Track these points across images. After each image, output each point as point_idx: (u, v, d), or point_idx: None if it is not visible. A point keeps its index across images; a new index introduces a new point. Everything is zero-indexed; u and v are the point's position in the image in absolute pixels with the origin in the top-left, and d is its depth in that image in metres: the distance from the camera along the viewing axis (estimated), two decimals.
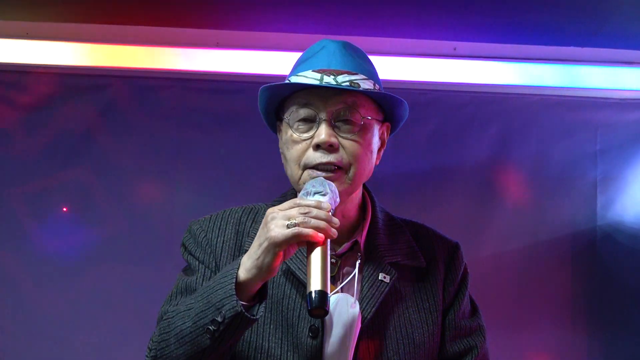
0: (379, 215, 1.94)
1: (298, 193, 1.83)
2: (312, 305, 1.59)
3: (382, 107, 1.89)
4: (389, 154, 2.01)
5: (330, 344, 1.77)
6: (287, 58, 1.95)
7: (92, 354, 3.16)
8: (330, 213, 1.66)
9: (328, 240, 1.64)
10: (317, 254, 1.62)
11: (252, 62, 3.28)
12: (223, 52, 3.29)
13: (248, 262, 1.67)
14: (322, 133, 1.79)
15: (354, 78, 1.81)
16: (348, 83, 1.80)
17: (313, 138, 1.80)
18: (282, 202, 1.72)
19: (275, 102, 1.89)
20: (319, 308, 1.59)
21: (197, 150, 3.30)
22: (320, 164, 1.79)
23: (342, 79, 1.80)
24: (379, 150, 1.91)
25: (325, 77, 1.80)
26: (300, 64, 1.87)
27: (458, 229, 3.21)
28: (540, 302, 3.34)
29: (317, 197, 1.70)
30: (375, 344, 1.80)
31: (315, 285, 1.60)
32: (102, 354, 3.17)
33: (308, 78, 1.81)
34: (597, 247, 3.40)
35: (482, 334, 1.96)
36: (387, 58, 3.21)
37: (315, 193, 1.71)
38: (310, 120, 1.82)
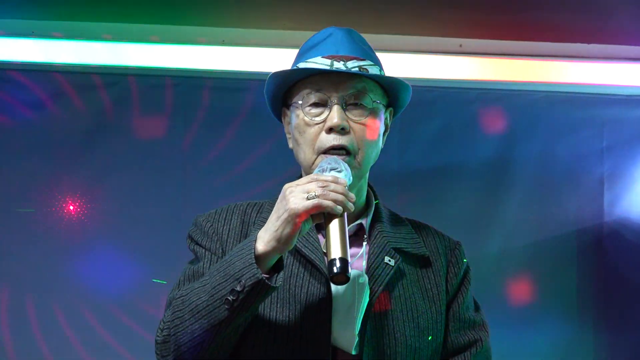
0: (382, 208, 1.97)
1: None
2: (335, 272, 1.61)
3: (387, 92, 1.93)
4: (395, 150, 2.03)
5: (338, 321, 1.79)
6: (293, 55, 1.95)
7: (92, 354, 3.16)
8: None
9: (345, 213, 1.67)
10: (335, 225, 1.65)
11: (258, 59, 3.27)
12: (229, 49, 3.29)
13: (266, 235, 1.68)
14: (334, 116, 1.82)
15: (363, 64, 1.85)
16: (357, 68, 1.84)
17: (325, 121, 1.83)
18: None
19: (284, 88, 1.92)
20: (341, 274, 1.61)
21: (202, 148, 3.30)
22: (333, 147, 1.82)
23: (351, 65, 1.84)
24: (383, 135, 1.94)
25: (335, 62, 1.83)
26: (308, 51, 1.90)
27: (464, 226, 3.24)
28: (547, 298, 3.33)
29: (333, 173, 1.73)
30: (382, 322, 1.82)
31: (336, 253, 1.62)
32: (102, 354, 3.16)
33: (318, 64, 1.84)
34: (603, 243, 3.40)
35: (485, 330, 1.97)
36: (392, 55, 3.20)
37: (332, 170, 1.75)
38: (322, 105, 1.85)
